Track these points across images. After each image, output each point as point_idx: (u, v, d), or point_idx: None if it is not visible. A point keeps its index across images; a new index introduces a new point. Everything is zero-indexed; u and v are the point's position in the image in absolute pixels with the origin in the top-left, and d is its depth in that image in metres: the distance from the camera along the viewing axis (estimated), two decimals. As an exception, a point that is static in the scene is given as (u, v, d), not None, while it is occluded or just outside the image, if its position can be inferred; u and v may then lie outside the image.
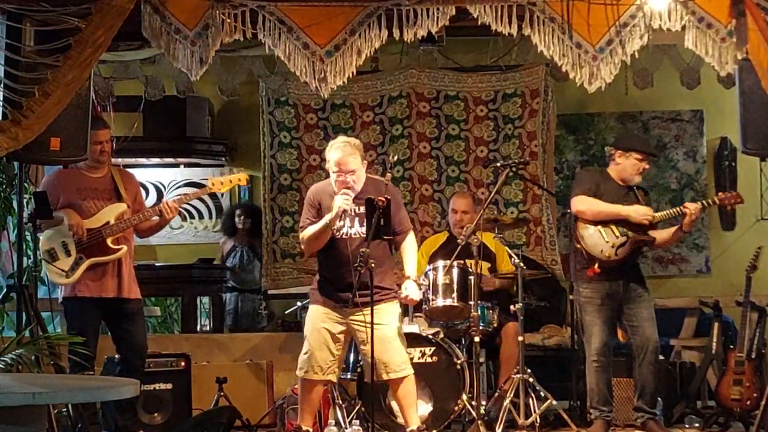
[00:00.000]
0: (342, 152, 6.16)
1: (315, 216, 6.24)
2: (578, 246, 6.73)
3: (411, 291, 6.24)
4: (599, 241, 6.65)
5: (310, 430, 6.29)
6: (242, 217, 9.34)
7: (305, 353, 6.20)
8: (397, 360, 6.14)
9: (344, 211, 6.08)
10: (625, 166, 6.77)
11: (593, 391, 6.73)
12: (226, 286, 9.38)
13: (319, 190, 6.36)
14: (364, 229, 6.14)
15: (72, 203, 6.39)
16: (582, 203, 6.73)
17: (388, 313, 6.17)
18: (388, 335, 6.12)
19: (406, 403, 6.21)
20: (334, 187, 6.20)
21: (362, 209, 6.15)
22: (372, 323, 5.89)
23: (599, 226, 6.67)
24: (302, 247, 6.54)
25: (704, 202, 6.79)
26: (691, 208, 6.62)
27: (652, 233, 6.72)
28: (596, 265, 6.62)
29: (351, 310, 6.08)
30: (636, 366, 6.75)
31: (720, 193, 6.90)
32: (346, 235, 6.17)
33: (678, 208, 6.69)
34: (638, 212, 6.64)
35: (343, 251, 6.13)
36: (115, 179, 6.58)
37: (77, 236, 6.30)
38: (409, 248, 6.35)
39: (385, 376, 6.11)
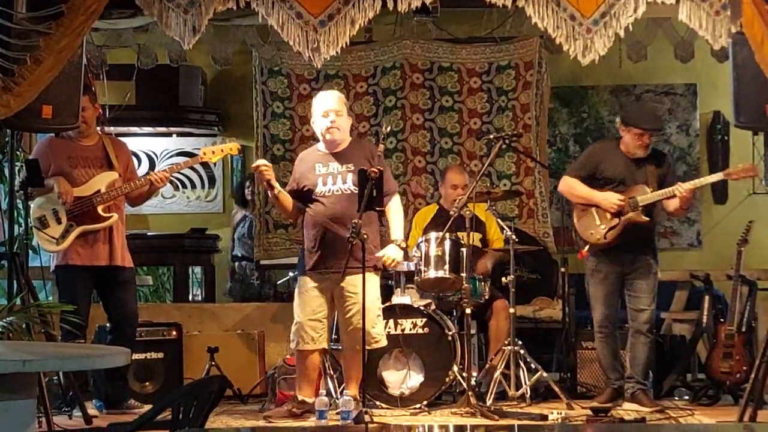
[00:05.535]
0: (326, 94, 6.42)
1: (293, 182, 6.42)
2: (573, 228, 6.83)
3: (388, 251, 6.28)
4: (591, 223, 6.67)
5: (307, 400, 6.32)
6: (251, 188, 9.28)
7: (295, 324, 6.31)
8: (376, 330, 6.25)
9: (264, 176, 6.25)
10: (627, 139, 6.76)
11: (599, 361, 6.88)
12: (233, 255, 9.37)
13: (301, 158, 6.54)
14: (346, 186, 6.22)
15: (62, 171, 6.40)
16: (563, 184, 6.86)
17: (366, 283, 6.08)
18: (368, 305, 6.06)
19: (359, 372, 6.23)
20: (321, 141, 6.38)
21: (343, 167, 6.25)
22: (364, 298, 5.92)
23: (593, 208, 6.69)
24: None
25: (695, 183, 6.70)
26: (683, 189, 6.51)
27: (666, 203, 6.64)
28: (585, 249, 6.67)
29: (334, 276, 6.13)
30: (629, 336, 6.79)
31: (735, 166, 6.84)
32: (322, 194, 6.26)
33: (669, 189, 6.57)
34: (608, 200, 6.62)
35: (320, 210, 6.21)
36: (106, 147, 6.57)
37: (66, 204, 6.30)
38: (395, 211, 6.39)
39: (367, 346, 6.09)
